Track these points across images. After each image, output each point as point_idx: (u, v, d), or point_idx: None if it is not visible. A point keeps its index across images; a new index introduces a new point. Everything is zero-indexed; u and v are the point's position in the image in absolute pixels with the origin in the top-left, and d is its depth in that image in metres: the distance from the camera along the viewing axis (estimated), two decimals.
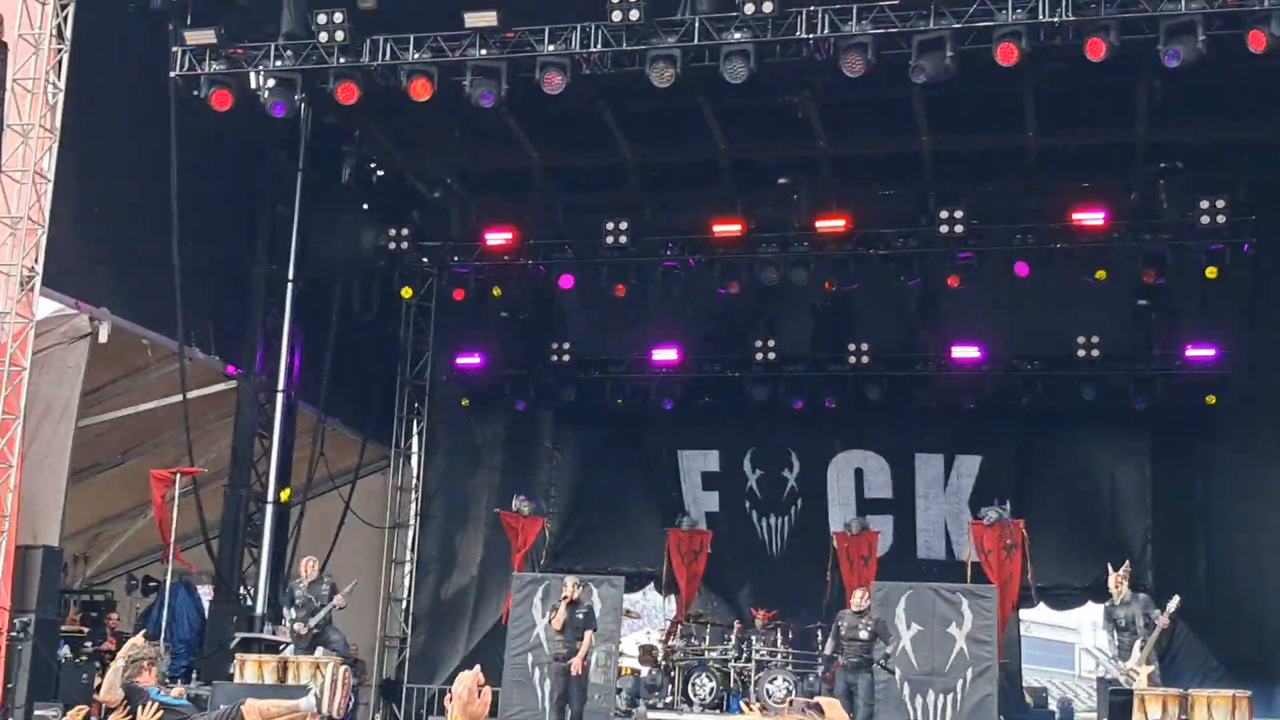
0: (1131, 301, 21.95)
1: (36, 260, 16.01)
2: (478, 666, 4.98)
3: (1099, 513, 22.58)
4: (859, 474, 23.33)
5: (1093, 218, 20.60)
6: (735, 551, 23.40)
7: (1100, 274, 21.13)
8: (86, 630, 19.35)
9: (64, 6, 16.26)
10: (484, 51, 16.85)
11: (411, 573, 24.49)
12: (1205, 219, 19.68)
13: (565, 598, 16.45)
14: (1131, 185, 20.74)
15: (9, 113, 16.02)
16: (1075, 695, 30.39)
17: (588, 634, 16.45)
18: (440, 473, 24.83)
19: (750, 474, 23.80)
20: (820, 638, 19.01)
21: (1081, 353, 21.51)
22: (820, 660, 16.81)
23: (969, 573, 19.39)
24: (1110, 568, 16.38)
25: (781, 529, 23.58)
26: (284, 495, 21.36)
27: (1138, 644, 15.47)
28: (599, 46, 16.59)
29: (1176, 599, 15.48)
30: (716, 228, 21.72)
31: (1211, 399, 21.32)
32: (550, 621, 16.60)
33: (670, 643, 19.28)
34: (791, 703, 17.11)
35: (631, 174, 21.85)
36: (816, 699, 4.88)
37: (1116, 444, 22.74)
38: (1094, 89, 18.69)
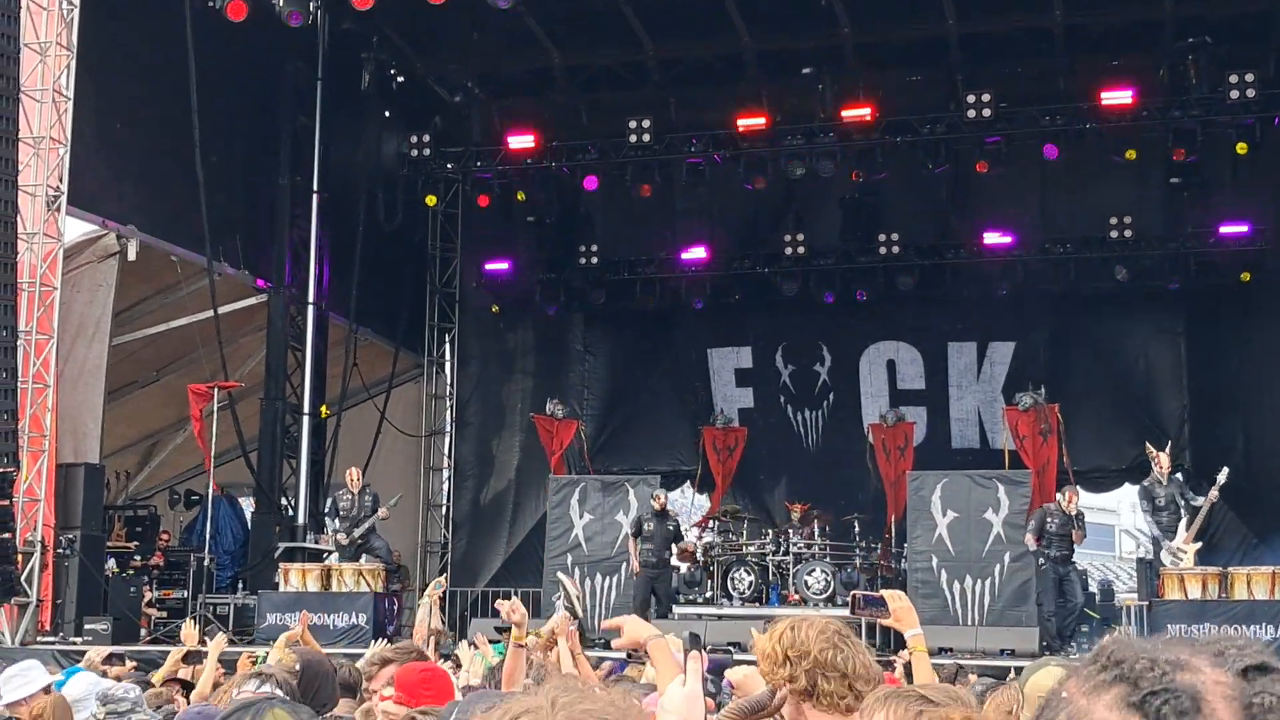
0: (1163, 180, 21.70)
1: (61, 179, 16.03)
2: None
3: (1134, 394, 22.47)
4: (891, 365, 23.26)
5: (1122, 96, 20.33)
6: (771, 446, 23.43)
7: (1130, 154, 20.92)
8: (134, 545, 19.67)
9: None
10: None
11: (450, 479, 24.70)
12: (1235, 93, 19.39)
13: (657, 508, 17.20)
14: (1160, 62, 20.42)
15: (26, 31, 15.94)
16: (1116, 576, 30.49)
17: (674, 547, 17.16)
18: (474, 379, 24.92)
19: (783, 369, 23.74)
20: (857, 529, 19.06)
21: (1114, 234, 21.32)
22: (1032, 552, 16.64)
23: (1006, 460, 19.38)
24: (1152, 447, 16.29)
25: (816, 423, 23.57)
26: (323, 411, 21.47)
27: (1183, 523, 15.43)
28: None
29: (1226, 470, 15.39)
30: (741, 122, 21.48)
31: (1246, 276, 21.14)
32: (643, 532, 17.16)
33: (704, 538, 19.38)
34: (854, 597, 17.11)
35: (654, 71, 21.63)
36: (880, 593, 4.84)
37: (1150, 324, 22.59)
38: None
